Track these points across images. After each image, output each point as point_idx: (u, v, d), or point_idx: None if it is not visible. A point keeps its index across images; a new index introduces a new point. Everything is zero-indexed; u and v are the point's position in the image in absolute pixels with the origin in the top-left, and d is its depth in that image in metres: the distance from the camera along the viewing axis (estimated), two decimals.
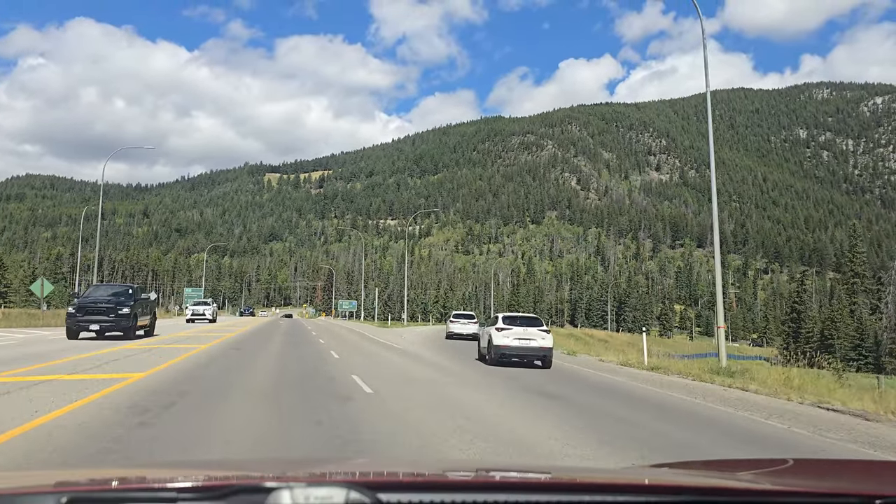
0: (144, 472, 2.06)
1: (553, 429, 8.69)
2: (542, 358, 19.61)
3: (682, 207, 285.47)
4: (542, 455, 7.09)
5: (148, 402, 9.05)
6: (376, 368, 17.70)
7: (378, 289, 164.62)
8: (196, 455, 6.38)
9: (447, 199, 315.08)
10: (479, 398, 11.82)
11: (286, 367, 16.91)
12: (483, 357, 21.46)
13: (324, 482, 1.49)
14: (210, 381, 12.49)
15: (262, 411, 9.31)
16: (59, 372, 12.27)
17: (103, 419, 7.73)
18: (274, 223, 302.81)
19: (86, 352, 17.32)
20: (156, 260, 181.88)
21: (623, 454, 7.24)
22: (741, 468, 2.50)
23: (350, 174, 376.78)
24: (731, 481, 1.97)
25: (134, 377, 11.83)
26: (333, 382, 13.22)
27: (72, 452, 6.13)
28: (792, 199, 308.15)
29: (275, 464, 3.02)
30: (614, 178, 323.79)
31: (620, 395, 13.81)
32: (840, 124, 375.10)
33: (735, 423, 10.36)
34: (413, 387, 13.18)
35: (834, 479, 2.18)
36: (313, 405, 9.73)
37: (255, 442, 7.16)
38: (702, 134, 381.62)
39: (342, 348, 25.88)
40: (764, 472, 2.29)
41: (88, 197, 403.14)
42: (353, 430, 7.81)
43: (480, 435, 7.91)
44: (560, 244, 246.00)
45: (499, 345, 19.43)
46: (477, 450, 7.08)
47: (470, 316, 42.91)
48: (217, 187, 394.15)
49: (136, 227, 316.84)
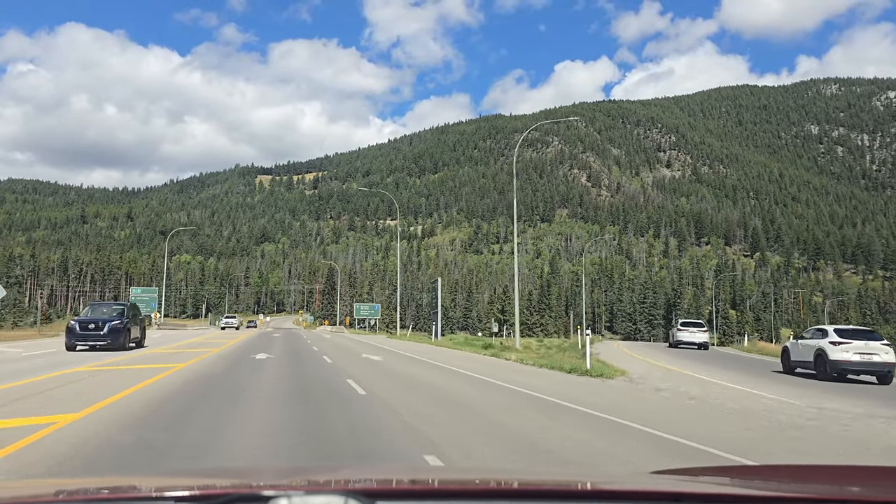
0: (142, 481, 2.01)
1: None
2: (884, 375, 18.05)
3: (700, 204, 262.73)
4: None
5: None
6: None
7: (387, 291, 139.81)
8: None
9: (449, 197, 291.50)
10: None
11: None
12: (791, 369, 21.44)
13: (322, 490, 1.47)
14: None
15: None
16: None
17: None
18: (266, 224, 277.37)
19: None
20: (130, 263, 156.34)
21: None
22: (745, 475, 2.40)
23: (346, 174, 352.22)
24: (730, 488, 1.90)
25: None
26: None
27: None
28: (811, 195, 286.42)
29: (272, 472, 2.92)
30: (625, 174, 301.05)
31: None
32: (853, 119, 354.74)
33: None
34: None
35: (842, 485, 2.08)
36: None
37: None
38: (710, 130, 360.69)
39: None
40: (767, 479, 2.22)
41: (72, 201, 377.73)
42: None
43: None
44: (576, 242, 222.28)
45: (837, 360, 18.48)
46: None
47: (699, 324, 41.98)
48: (206, 189, 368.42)
49: (118, 230, 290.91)
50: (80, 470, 5.86)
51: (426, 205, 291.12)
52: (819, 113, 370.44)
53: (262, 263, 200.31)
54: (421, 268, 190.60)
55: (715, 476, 2.31)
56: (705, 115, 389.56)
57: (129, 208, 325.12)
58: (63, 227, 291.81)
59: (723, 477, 2.28)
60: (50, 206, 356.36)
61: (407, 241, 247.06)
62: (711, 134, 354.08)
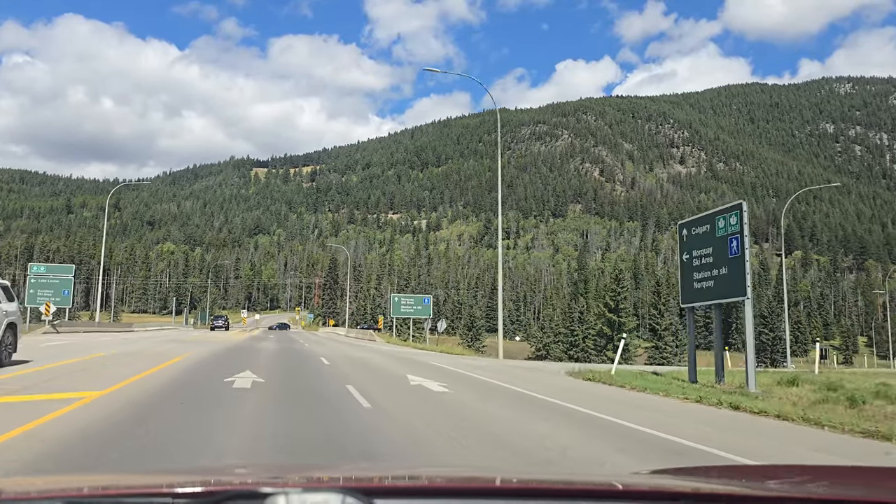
0: (141, 478, 1.97)
1: None
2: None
3: (721, 200, 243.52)
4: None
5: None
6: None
7: (397, 287, 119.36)
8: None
9: (454, 191, 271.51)
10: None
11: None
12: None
13: (319, 487, 1.45)
14: None
15: None
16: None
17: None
18: (261, 215, 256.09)
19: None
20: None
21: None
22: (745, 475, 2.35)
23: (345, 166, 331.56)
24: (729, 487, 1.86)
25: None
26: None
27: None
28: (834, 194, 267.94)
29: (271, 469, 2.85)
30: (638, 169, 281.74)
31: None
32: (870, 118, 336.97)
33: None
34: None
35: (844, 486, 2.03)
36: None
37: None
38: (721, 127, 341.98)
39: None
40: (767, 478, 2.15)
41: (59, 192, 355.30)
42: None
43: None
44: (594, 238, 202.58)
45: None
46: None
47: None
48: (200, 181, 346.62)
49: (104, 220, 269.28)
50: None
51: (430, 198, 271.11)
52: (834, 111, 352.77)
53: (254, 255, 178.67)
54: (431, 262, 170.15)
55: (715, 476, 2.23)
56: (716, 112, 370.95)
57: (117, 199, 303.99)
58: (46, 217, 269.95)
59: (722, 477, 2.20)
60: (36, 195, 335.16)
61: (411, 234, 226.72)
62: (723, 131, 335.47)
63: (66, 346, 21.15)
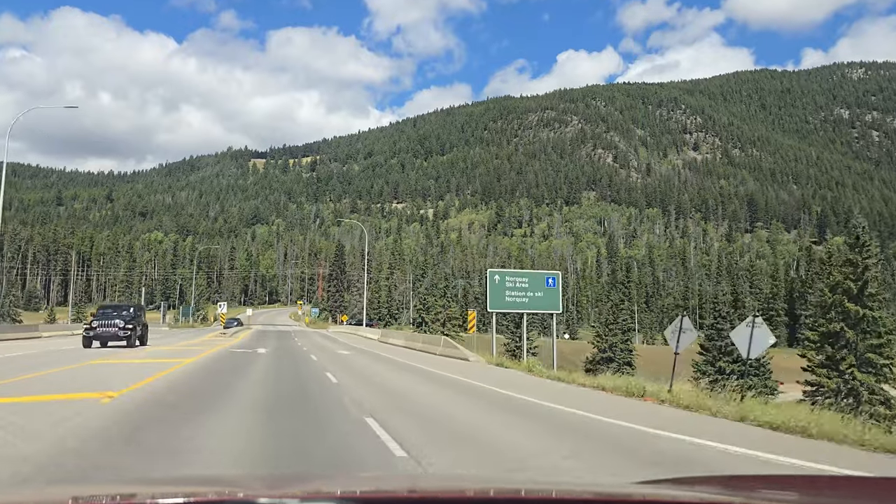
0: (137, 488, 1.94)
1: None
2: None
3: (743, 186, 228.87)
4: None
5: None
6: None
7: (411, 277, 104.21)
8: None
9: (461, 179, 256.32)
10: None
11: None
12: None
13: (316, 498, 1.42)
14: None
15: None
16: None
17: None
18: (259, 205, 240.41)
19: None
20: (83, 241, 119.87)
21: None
22: (731, 485, 2.30)
23: (346, 156, 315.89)
24: (727, 497, 1.82)
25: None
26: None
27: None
28: (855, 180, 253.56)
29: (268, 479, 2.87)
30: (652, 156, 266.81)
31: None
32: (886, 103, 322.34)
33: None
34: None
35: (842, 497, 1.97)
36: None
37: None
38: (733, 114, 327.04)
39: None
40: (754, 488, 2.11)
41: (52, 184, 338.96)
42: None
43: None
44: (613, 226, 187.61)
45: None
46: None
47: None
48: (196, 173, 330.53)
49: (95, 211, 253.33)
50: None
51: (435, 187, 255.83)
52: (848, 97, 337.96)
53: (252, 246, 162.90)
54: (445, 251, 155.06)
55: (700, 485, 2.16)
56: (725, 99, 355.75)
57: (110, 190, 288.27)
58: (34, 208, 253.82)
59: (708, 486, 2.14)
60: (27, 188, 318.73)
61: (419, 223, 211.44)
62: (736, 117, 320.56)
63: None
